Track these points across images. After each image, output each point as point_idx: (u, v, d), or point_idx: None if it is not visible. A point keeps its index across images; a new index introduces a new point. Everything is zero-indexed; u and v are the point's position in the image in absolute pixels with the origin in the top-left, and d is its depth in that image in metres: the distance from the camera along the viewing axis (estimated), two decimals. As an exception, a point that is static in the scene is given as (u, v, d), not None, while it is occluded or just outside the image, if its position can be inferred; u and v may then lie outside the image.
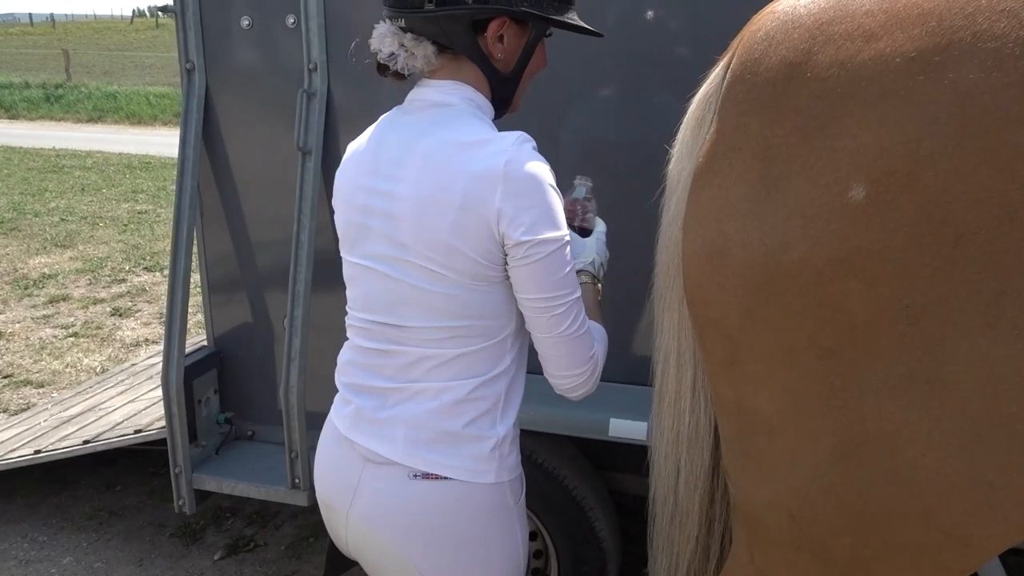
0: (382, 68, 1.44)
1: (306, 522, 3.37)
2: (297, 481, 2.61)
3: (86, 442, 3.18)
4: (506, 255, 1.35)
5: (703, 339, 1.28)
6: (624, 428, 2.22)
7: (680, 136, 1.35)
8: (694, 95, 1.36)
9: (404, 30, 1.39)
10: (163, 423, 3.08)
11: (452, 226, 1.33)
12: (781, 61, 1.15)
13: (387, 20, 1.41)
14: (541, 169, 1.34)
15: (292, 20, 2.52)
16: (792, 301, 1.12)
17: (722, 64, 1.31)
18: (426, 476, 1.41)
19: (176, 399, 2.67)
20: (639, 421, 2.21)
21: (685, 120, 1.35)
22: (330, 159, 2.58)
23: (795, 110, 1.12)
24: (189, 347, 2.84)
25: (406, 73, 1.44)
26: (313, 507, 2.76)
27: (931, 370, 1.03)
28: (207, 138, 2.72)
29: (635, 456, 2.28)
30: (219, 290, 2.89)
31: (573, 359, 1.40)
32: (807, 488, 1.17)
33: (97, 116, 17.26)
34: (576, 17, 1.50)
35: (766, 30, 1.21)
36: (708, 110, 1.29)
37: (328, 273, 2.70)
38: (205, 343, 2.99)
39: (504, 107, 1.50)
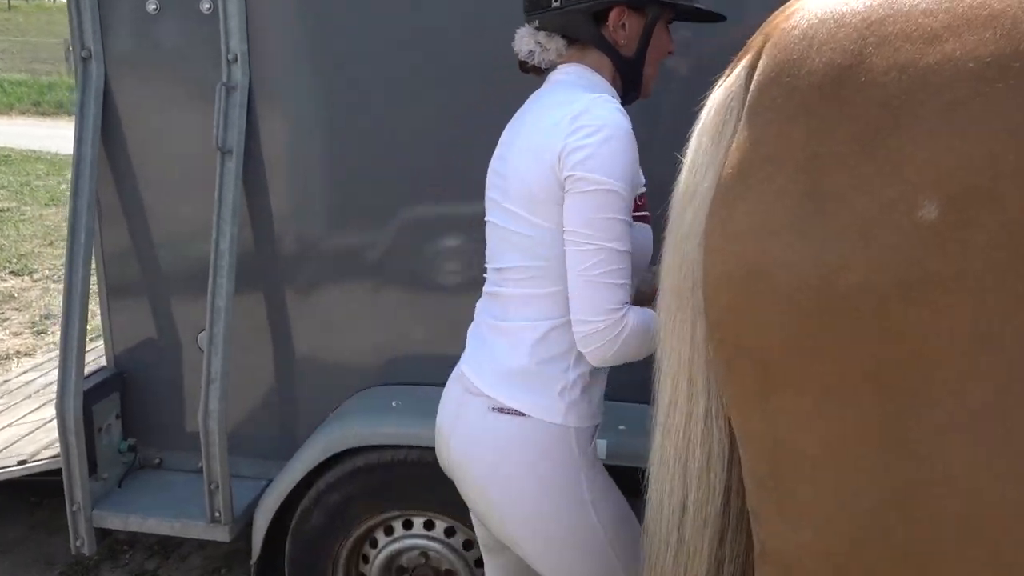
0: (523, 64, 1.67)
1: (216, 551, 3.10)
2: (218, 514, 2.35)
3: (-42, 476, 2.82)
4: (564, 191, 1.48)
5: (731, 368, 1.16)
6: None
7: (695, 144, 1.22)
8: (707, 97, 1.24)
9: (538, 29, 1.62)
10: (51, 451, 2.78)
11: (529, 168, 1.51)
12: (828, 63, 1.04)
13: (526, 24, 1.64)
14: (610, 119, 1.46)
15: (208, 6, 2.27)
16: (848, 329, 1.01)
17: (743, 65, 1.19)
18: (501, 410, 1.57)
19: (74, 429, 2.37)
20: (599, 440, 2.10)
21: (701, 126, 1.22)
22: (253, 159, 2.34)
23: (849, 118, 1.01)
24: (87, 367, 2.54)
25: (543, 67, 1.65)
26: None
27: (1008, 402, 0.94)
28: (105, 134, 2.43)
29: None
30: (120, 303, 2.60)
31: (593, 303, 1.47)
32: (859, 533, 1.06)
33: (-55, 105, 15.94)
34: (693, 0, 1.63)
35: (803, 28, 1.09)
36: (730, 115, 1.17)
37: (249, 286, 2.46)
38: (104, 362, 2.70)
39: (635, 90, 1.66)
